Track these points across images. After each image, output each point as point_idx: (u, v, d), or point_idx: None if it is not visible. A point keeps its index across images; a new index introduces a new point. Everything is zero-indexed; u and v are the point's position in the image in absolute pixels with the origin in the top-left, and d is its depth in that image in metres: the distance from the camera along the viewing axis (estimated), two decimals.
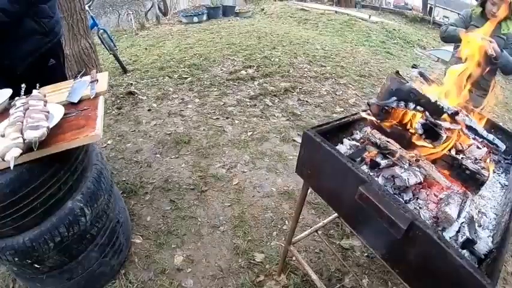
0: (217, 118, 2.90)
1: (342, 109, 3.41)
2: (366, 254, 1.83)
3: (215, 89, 3.42)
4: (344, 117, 1.30)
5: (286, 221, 1.98)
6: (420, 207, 0.97)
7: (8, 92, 1.49)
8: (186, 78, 3.72)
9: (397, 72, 1.27)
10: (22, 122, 1.10)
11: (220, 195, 2.13)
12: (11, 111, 1.20)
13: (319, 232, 1.72)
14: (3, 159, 1.00)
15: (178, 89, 3.48)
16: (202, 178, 2.24)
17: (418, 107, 1.10)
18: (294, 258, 1.73)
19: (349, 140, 1.26)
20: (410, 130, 1.13)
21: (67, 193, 1.29)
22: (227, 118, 2.90)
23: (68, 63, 3.28)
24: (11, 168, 0.97)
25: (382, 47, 6.51)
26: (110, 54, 4.42)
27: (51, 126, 1.11)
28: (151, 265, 1.73)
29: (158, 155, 2.51)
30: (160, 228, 1.91)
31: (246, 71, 3.89)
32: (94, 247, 1.46)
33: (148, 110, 3.12)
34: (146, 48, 5.40)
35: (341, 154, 1.02)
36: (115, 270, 1.67)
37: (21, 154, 1.01)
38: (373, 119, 1.20)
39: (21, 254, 1.24)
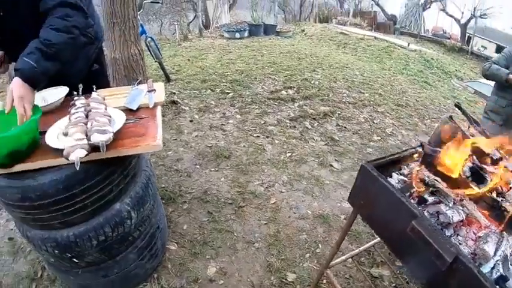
0: (257, 136, 2.95)
1: (379, 138, 3.38)
2: (393, 285, 1.80)
3: (256, 107, 3.49)
4: (396, 153, 1.35)
5: (320, 245, 1.99)
6: (460, 243, 1.02)
7: (65, 90, 1.58)
8: (228, 93, 3.82)
9: (451, 117, 1.31)
10: (85, 124, 1.15)
11: (257, 213, 2.16)
12: (71, 110, 1.26)
13: (351, 258, 1.74)
14: (66, 159, 1.04)
15: (220, 103, 3.58)
16: (240, 194, 2.28)
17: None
18: (325, 281, 1.74)
19: (397, 174, 1.30)
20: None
21: (117, 195, 1.35)
22: (267, 137, 2.95)
23: (116, 67, 3.45)
24: (77, 168, 1.02)
25: (419, 76, 6.44)
26: (155, 62, 4.59)
27: (114, 132, 1.17)
28: (184, 273, 1.77)
29: (198, 166, 2.58)
30: (196, 238, 1.96)
31: (286, 91, 3.95)
32: (133, 249, 1.52)
33: (190, 120, 3.21)
34: (189, 60, 5.58)
35: (396, 189, 1.09)
36: (148, 274, 1.72)
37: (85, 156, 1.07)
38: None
39: (63, 247, 1.30)
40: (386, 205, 1.13)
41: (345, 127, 3.42)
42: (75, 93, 1.46)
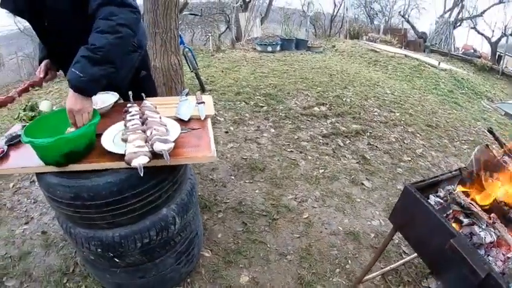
0: (291, 151, 3.02)
1: (409, 158, 3.37)
2: None
3: (289, 122, 3.56)
4: (434, 177, 1.46)
5: (349, 261, 2.02)
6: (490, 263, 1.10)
7: (115, 96, 1.66)
8: (262, 106, 3.92)
9: (487, 145, 1.40)
10: (144, 131, 1.21)
11: (290, 226, 2.21)
12: (127, 117, 1.33)
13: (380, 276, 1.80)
14: (128, 164, 1.08)
15: (254, 116, 3.67)
16: (274, 207, 2.34)
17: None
18: None
19: (434, 196, 1.41)
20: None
21: (164, 201, 1.42)
22: (300, 152, 3.01)
23: (155, 74, 3.61)
24: (141, 174, 1.05)
25: (450, 97, 6.33)
26: (192, 72, 4.75)
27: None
28: (217, 279, 1.84)
29: (233, 177, 2.67)
30: (230, 247, 2.03)
31: (319, 108, 4.01)
32: (172, 253, 1.59)
33: (226, 132, 3.32)
34: (223, 71, 5.73)
35: (436, 210, 1.21)
36: (182, 278, 1.79)
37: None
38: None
39: (107, 246, 1.36)
40: (426, 224, 1.24)
41: (376, 146, 3.43)
42: (130, 102, 1.53)
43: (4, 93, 5.90)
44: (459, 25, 14.28)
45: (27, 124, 1.22)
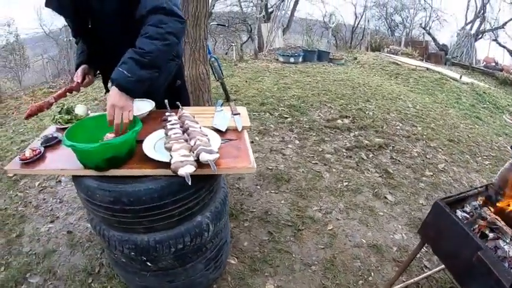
0: (315, 163, 3.07)
1: (431, 173, 3.35)
2: None
3: (314, 134, 3.62)
4: (463, 192, 1.54)
5: (372, 273, 2.03)
6: None
7: (152, 104, 1.68)
8: (286, 118, 3.98)
9: None
10: (186, 141, 1.24)
11: (315, 237, 2.25)
12: (168, 125, 1.37)
13: None
14: (175, 172, 1.10)
15: (279, 127, 3.75)
16: (299, 218, 2.39)
17: None
18: None
19: (460, 211, 1.47)
20: None
21: (200, 208, 1.45)
22: (325, 165, 3.05)
23: None
24: (189, 183, 1.06)
25: (471, 111, 6.23)
26: (217, 81, 4.86)
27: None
28: (243, 287, 1.89)
29: (259, 187, 2.73)
30: (256, 255, 2.08)
31: (342, 120, 4.04)
32: (203, 259, 1.62)
33: (251, 141, 3.40)
34: (246, 81, 5.83)
35: (464, 224, 1.28)
36: (209, 284, 1.83)
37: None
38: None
39: (141, 250, 1.40)
40: (455, 238, 1.32)
41: (399, 160, 3.43)
42: (167, 110, 1.58)
43: (31, 95, 6.12)
44: (480, 37, 14.04)
45: (67, 128, 1.26)
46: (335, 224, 2.39)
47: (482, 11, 13.88)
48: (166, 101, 1.63)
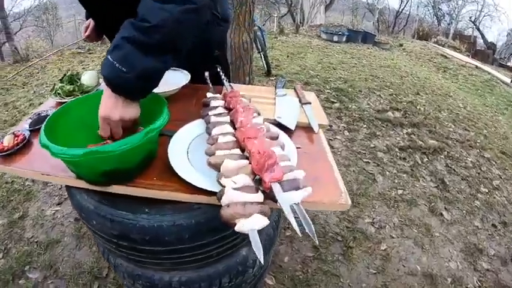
0: (367, 162, 2.51)
1: (486, 190, 2.75)
2: None
3: (364, 126, 3.02)
4: None
5: None
6: None
7: (187, 77, 1.15)
8: (333, 102, 3.38)
9: None
10: (241, 148, 0.72)
11: (366, 258, 1.76)
12: (210, 115, 0.84)
13: None
14: (226, 224, 0.58)
15: (326, 112, 3.12)
16: (350, 230, 1.89)
17: None
18: None
19: None
20: None
21: (247, 240, 0.94)
22: (378, 165, 2.49)
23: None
24: (261, 260, 0.54)
25: None
26: (258, 52, 4.26)
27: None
28: None
29: None
30: (298, 276, 1.61)
31: (393, 113, 3.40)
32: None
33: None
34: (288, 56, 5.19)
35: None
36: None
37: None
38: None
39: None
40: None
41: (454, 170, 2.83)
42: (209, 89, 1.03)
43: (59, 54, 5.76)
44: None
45: (53, 113, 0.73)
46: (389, 243, 1.88)
47: None
48: (207, 74, 1.09)
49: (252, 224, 0.56)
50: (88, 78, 1.11)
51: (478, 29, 12.73)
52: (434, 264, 1.86)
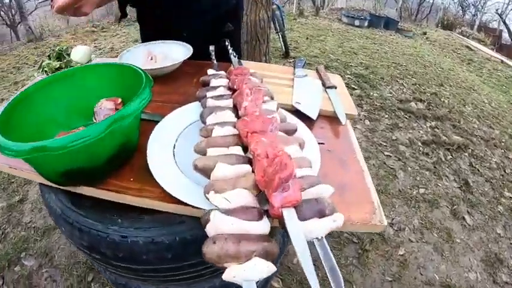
0: (388, 155, 2.28)
1: (510, 194, 2.52)
2: None
3: (386, 116, 2.77)
4: None
5: None
6: None
7: (188, 50, 0.96)
8: (354, 89, 3.11)
9: None
10: (245, 145, 0.52)
11: (382, 263, 1.58)
12: (207, 96, 0.65)
13: None
14: (214, 264, 0.47)
15: None
16: (367, 232, 1.70)
17: None
18: None
19: None
20: None
21: None
22: (399, 160, 2.26)
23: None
24: None
25: None
26: (276, 33, 3.98)
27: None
28: None
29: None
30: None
31: (416, 104, 3.13)
32: None
33: None
34: (307, 38, 4.88)
35: None
36: None
37: None
38: None
39: None
40: None
41: (478, 170, 2.60)
42: (213, 65, 0.85)
43: (72, 33, 5.58)
44: None
45: (10, 101, 0.57)
46: (407, 247, 1.69)
47: None
48: (212, 48, 0.90)
49: (248, 273, 0.36)
50: (77, 53, 0.90)
51: (504, 22, 11.95)
52: (454, 273, 1.68)
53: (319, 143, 0.66)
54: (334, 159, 0.69)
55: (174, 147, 0.59)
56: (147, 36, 1.14)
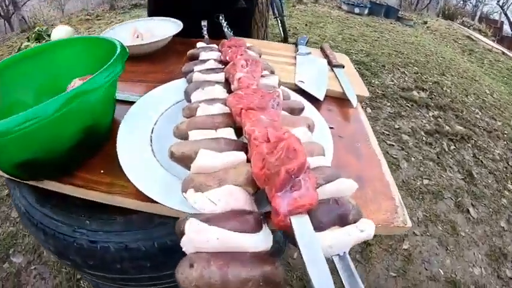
0: (391, 144, 2.16)
1: None
2: None
3: (388, 104, 2.63)
4: None
5: None
6: None
7: (176, 26, 0.88)
8: None
9: None
10: (239, 132, 0.40)
11: (386, 258, 1.48)
12: (194, 71, 0.53)
13: None
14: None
15: None
16: None
17: None
18: None
19: None
20: None
21: None
22: (402, 149, 2.15)
23: None
24: None
25: None
26: (275, 18, 3.83)
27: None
28: None
29: None
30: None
31: (418, 93, 3.01)
32: None
33: None
34: (306, 24, 4.71)
35: None
36: None
37: None
38: None
39: None
40: None
41: (482, 161, 2.49)
42: (204, 40, 0.73)
43: (66, 22, 5.39)
44: None
45: None
46: (412, 241, 1.59)
47: None
48: (204, 22, 0.80)
49: None
50: (58, 33, 0.77)
51: (506, 14, 11.75)
52: (458, 268, 1.59)
53: (329, 127, 0.54)
54: (347, 147, 0.57)
55: (152, 131, 0.47)
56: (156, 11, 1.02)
